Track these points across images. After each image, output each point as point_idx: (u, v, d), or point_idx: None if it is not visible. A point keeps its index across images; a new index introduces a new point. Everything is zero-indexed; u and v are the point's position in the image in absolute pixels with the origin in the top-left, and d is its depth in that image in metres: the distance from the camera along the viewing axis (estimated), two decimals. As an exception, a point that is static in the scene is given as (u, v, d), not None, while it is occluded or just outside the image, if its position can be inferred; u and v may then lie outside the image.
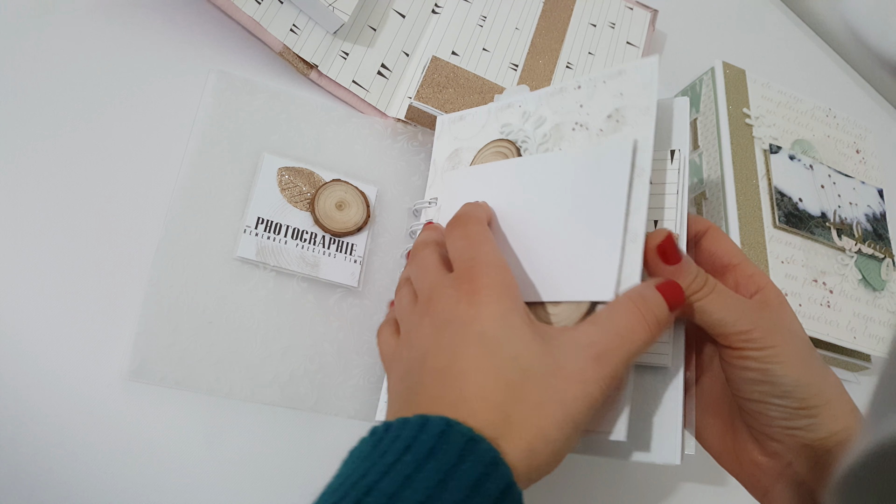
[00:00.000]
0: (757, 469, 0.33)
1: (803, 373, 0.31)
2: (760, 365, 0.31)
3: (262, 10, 0.47)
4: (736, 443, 0.34)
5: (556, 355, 0.28)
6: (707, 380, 0.36)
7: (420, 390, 0.28)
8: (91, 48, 0.45)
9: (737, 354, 0.32)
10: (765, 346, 0.31)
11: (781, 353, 0.31)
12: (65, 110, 0.43)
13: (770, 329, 0.32)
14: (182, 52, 0.47)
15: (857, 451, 0.15)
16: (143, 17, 0.47)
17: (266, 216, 0.43)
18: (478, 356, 0.28)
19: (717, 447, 0.35)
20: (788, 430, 0.31)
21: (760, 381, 0.31)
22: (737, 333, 0.32)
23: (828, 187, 0.54)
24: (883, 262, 0.53)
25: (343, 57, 0.50)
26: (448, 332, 0.29)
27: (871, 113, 0.74)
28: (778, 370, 0.31)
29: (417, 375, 0.29)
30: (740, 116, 0.55)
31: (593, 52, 0.58)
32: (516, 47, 0.55)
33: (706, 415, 0.36)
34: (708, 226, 0.37)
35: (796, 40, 0.75)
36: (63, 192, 0.41)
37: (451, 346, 0.29)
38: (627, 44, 0.59)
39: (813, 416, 0.31)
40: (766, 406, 0.31)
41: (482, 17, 0.55)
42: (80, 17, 0.45)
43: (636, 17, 0.61)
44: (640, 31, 0.60)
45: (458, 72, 0.51)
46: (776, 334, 0.31)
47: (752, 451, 0.33)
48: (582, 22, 0.58)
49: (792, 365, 0.31)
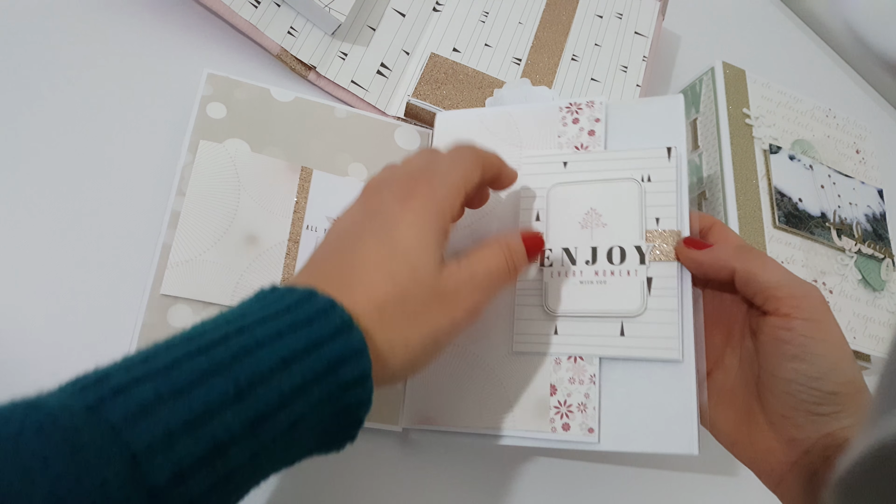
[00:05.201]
0: (772, 457, 0.33)
1: (840, 357, 0.31)
2: (803, 339, 0.31)
3: (259, 13, 0.47)
4: (751, 431, 0.34)
5: (445, 284, 0.30)
6: (719, 374, 0.37)
7: (321, 264, 0.31)
8: (89, 49, 0.45)
9: (781, 324, 0.32)
10: (812, 318, 0.31)
11: (825, 331, 0.31)
12: (61, 110, 0.43)
13: (820, 303, 0.32)
14: (180, 55, 0.47)
15: (857, 451, 0.15)
16: (142, 20, 0.47)
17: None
18: (381, 255, 0.30)
19: (732, 437, 0.35)
20: (813, 416, 0.31)
21: (798, 358, 0.31)
22: (789, 297, 0.32)
23: (828, 187, 0.54)
24: (883, 263, 0.53)
25: (342, 57, 0.50)
26: (369, 222, 0.31)
27: (871, 113, 0.74)
28: (817, 347, 0.31)
29: (328, 248, 0.31)
30: (740, 116, 0.55)
31: (600, 43, 0.57)
32: (519, 42, 0.55)
33: (719, 406, 0.36)
34: (712, 221, 0.39)
35: (796, 40, 0.75)
36: (58, 192, 0.41)
37: (364, 234, 0.30)
38: (636, 34, 0.58)
39: (840, 403, 0.31)
40: (798, 387, 0.31)
41: (484, 12, 0.55)
42: (78, 18, 0.45)
43: (644, 6, 0.60)
44: (648, 20, 0.59)
45: (457, 68, 0.51)
46: (825, 310, 0.32)
47: (769, 438, 0.33)
48: (588, 13, 0.58)
49: (832, 345, 0.31)
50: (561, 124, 0.42)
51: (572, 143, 0.41)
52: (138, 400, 0.22)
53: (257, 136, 0.45)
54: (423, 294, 0.29)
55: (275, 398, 0.24)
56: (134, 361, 0.23)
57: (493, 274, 0.32)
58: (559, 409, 0.37)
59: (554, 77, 0.54)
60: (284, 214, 0.43)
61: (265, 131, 0.45)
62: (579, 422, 0.36)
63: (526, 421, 0.37)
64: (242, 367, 0.24)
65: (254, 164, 0.44)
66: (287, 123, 0.46)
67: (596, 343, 0.37)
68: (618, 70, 0.56)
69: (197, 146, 0.43)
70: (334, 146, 0.47)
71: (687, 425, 0.34)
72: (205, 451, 0.22)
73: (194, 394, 0.23)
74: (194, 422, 0.22)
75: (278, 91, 0.46)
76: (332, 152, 0.46)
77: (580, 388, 0.37)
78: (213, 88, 0.45)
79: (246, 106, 0.45)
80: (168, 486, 0.21)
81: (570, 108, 0.42)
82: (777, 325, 0.32)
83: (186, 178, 0.42)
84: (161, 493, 0.21)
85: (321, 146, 0.46)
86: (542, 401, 0.37)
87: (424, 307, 0.29)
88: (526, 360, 0.38)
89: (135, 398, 0.22)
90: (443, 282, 0.30)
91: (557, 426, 0.36)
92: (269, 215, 0.43)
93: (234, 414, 0.23)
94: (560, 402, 0.37)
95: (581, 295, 0.38)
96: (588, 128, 0.42)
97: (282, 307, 0.26)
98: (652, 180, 0.39)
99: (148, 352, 0.24)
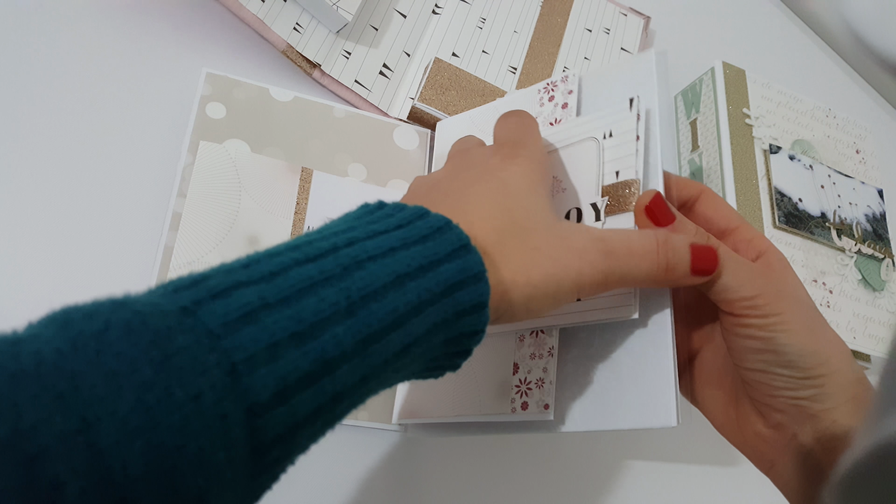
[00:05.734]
0: (761, 441, 0.32)
1: (809, 341, 0.30)
2: (764, 333, 0.30)
3: (266, 7, 0.47)
4: (739, 415, 0.33)
5: (566, 231, 0.28)
6: (708, 351, 0.35)
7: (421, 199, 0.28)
8: (93, 46, 0.45)
9: (739, 322, 0.30)
10: (769, 314, 0.30)
11: (787, 321, 0.30)
12: (60, 113, 0.43)
13: (775, 295, 0.30)
14: (184, 51, 0.47)
15: (857, 451, 0.15)
16: (145, 16, 0.47)
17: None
18: (491, 192, 0.28)
19: (721, 419, 0.34)
20: (793, 401, 0.30)
21: (764, 350, 0.30)
22: (740, 300, 0.30)
23: (828, 187, 0.54)
24: (883, 263, 0.53)
25: (346, 56, 0.50)
26: (470, 172, 0.29)
27: (871, 113, 0.74)
28: (782, 338, 0.29)
29: (423, 192, 0.29)
30: (740, 116, 0.55)
31: (589, 56, 0.58)
32: (515, 50, 0.55)
33: (708, 386, 0.35)
34: (701, 189, 0.35)
35: (796, 40, 0.75)
36: (58, 195, 0.41)
37: (468, 178, 0.29)
38: (622, 49, 0.60)
39: (819, 385, 0.30)
40: (770, 376, 0.30)
41: (482, 18, 0.55)
42: (80, 15, 0.45)
43: (630, 23, 0.61)
44: (633, 37, 0.61)
45: (461, 74, 0.51)
46: (781, 301, 0.30)
47: (756, 423, 0.32)
48: (578, 26, 0.59)
49: (797, 333, 0.30)
50: (538, 105, 0.41)
51: (547, 119, 0.40)
52: (240, 304, 0.19)
53: (257, 136, 0.45)
54: (544, 232, 0.27)
55: (389, 316, 0.22)
56: (234, 266, 0.21)
57: (633, 252, 0.29)
58: (520, 388, 0.35)
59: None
60: (286, 216, 0.44)
61: (265, 131, 0.45)
62: (536, 398, 0.34)
63: (490, 403, 0.36)
64: (354, 280, 0.21)
65: (254, 164, 0.44)
66: (286, 123, 0.46)
67: (554, 313, 0.34)
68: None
69: (197, 147, 0.43)
70: (333, 146, 0.47)
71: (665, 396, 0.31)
72: (313, 367, 0.20)
73: (303, 303, 0.20)
74: (302, 333, 0.20)
75: (277, 91, 0.46)
76: (332, 152, 0.46)
77: (539, 362, 0.35)
78: (213, 88, 0.45)
79: (245, 106, 0.45)
80: (270, 403, 0.19)
81: (546, 88, 0.41)
82: (735, 324, 0.31)
83: (187, 179, 0.42)
84: (262, 412, 0.19)
85: (320, 146, 0.46)
86: (505, 381, 0.36)
87: (547, 245, 0.27)
88: (493, 340, 0.37)
89: (236, 302, 0.19)
90: (564, 230, 0.28)
91: (517, 405, 0.35)
92: (270, 216, 0.43)
93: (345, 329, 0.21)
94: (521, 379, 0.35)
95: None
96: (562, 101, 0.40)
97: (392, 223, 0.24)
98: (613, 135, 0.36)
99: (249, 258, 0.21)
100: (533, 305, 0.27)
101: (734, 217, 0.35)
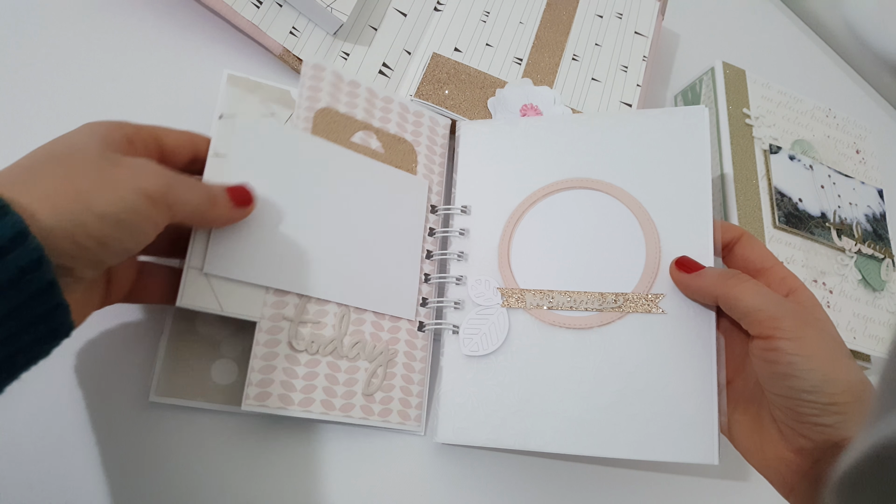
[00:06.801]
0: (783, 465, 0.33)
1: (831, 368, 0.31)
2: (789, 357, 0.31)
3: (262, 13, 0.47)
4: (763, 439, 0.35)
5: (122, 159, 0.29)
6: (739, 381, 0.37)
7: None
8: (90, 50, 0.45)
9: (766, 345, 0.32)
10: (794, 337, 0.32)
11: (810, 346, 0.31)
12: (70, 110, 0.43)
13: (801, 321, 0.32)
14: (185, 56, 0.47)
15: (857, 451, 0.15)
16: (145, 21, 0.47)
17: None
18: (49, 146, 0.29)
19: (745, 443, 0.36)
20: (818, 427, 0.31)
21: (789, 376, 0.32)
22: (769, 319, 0.32)
23: (828, 187, 0.54)
24: (883, 263, 0.53)
25: (343, 57, 0.50)
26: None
27: (871, 113, 0.74)
28: (804, 363, 0.31)
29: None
30: (740, 116, 0.55)
31: (600, 43, 0.57)
32: (520, 41, 0.55)
33: (736, 411, 0.37)
34: (741, 233, 0.39)
35: (796, 40, 0.75)
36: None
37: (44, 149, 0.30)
38: (636, 34, 0.58)
39: (842, 412, 0.31)
40: (796, 402, 0.32)
41: (485, 12, 0.55)
42: (80, 20, 0.45)
43: (644, 6, 0.60)
44: (648, 20, 0.59)
45: (459, 67, 0.51)
46: (806, 327, 0.32)
47: (780, 447, 0.34)
48: (588, 13, 0.58)
49: (820, 359, 0.31)
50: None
51: None
52: None
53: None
54: (82, 159, 0.28)
55: None
56: None
57: (192, 186, 0.32)
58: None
59: (555, 77, 0.54)
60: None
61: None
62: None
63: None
64: None
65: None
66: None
67: None
68: (618, 70, 0.56)
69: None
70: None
71: (709, 434, 0.34)
72: None
73: None
74: None
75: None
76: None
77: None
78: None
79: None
80: None
81: None
82: (763, 347, 0.33)
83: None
84: None
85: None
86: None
87: (98, 170, 0.28)
88: None
89: None
90: (119, 158, 0.29)
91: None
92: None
93: None
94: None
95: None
96: None
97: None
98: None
99: None
100: (76, 224, 0.26)
101: (769, 258, 0.38)
